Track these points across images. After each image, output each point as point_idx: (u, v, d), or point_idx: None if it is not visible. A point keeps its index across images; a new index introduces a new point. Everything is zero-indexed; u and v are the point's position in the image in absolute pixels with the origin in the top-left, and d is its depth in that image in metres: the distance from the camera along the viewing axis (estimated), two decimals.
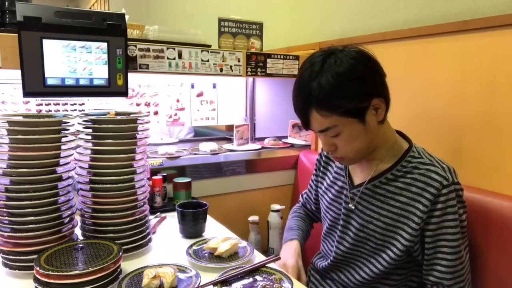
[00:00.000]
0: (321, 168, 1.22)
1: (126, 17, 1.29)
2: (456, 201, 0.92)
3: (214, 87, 1.89)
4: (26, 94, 1.18)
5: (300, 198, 1.38)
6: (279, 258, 1.05)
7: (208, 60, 1.52)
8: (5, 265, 0.97)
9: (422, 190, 0.93)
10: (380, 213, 0.99)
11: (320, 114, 0.91)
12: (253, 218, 1.58)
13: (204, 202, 1.27)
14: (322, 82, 0.88)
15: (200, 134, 2.37)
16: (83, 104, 1.57)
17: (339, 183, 1.12)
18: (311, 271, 1.23)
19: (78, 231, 1.10)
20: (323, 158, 1.22)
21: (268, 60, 1.67)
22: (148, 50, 1.40)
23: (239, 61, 1.59)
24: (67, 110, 1.54)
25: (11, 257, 0.96)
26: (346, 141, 0.94)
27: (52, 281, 0.82)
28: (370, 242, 1.01)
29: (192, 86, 1.83)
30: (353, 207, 1.04)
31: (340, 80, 0.88)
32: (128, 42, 1.30)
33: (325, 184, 1.19)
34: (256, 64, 1.64)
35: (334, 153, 0.99)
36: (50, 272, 0.82)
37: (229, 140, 1.92)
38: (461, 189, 0.94)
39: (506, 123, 1.11)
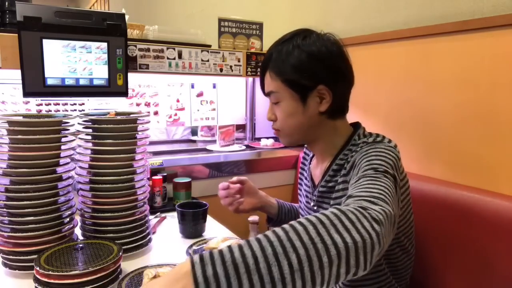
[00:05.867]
0: (300, 170, 1.20)
1: (126, 17, 1.29)
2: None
3: (214, 87, 1.89)
4: (26, 94, 1.18)
5: None
6: None
7: (208, 60, 1.52)
8: (5, 265, 0.97)
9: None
10: (340, 204, 0.96)
11: (270, 76, 0.96)
12: (253, 218, 1.58)
13: (204, 202, 1.27)
14: (283, 48, 0.95)
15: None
16: (83, 104, 1.57)
17: (307, 188, 1.10)
18: None
19: (78, 231, 1.10)
20: (301, 159, 1.20)
21: None
22: (148, 50, 1.40)
23: (239, 61, 1.59)
24: (67, 110, 1.54)
25: (11, 257, 0.96)
26: (282, 112, 0.97)
27: (52, 281, 0.82)
28: None
29: (192, 86, 1.83)
30: (316, 207, 1.03)
31: (296, 50, 0.93)
32: (128, 42, 1.30)
33: (302, 189, 1.17)
34: (256, 64, 1.64)
35: (273, 124, 1.02)
36: (50, 272, 0.82)
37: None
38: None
39: (506, 123, 1.11)
